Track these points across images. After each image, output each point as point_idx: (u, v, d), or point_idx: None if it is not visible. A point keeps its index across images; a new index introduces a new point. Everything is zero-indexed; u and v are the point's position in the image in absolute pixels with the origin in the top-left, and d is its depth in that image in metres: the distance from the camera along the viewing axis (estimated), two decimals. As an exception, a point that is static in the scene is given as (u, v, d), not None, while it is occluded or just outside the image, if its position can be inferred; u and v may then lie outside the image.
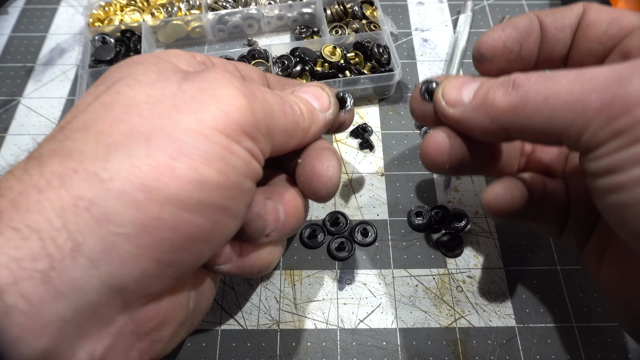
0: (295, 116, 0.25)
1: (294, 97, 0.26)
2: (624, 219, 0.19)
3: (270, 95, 0.23)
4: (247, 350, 0.32)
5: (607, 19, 0.26)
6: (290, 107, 0.25)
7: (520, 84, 0.21)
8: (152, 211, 0.17)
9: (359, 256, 0.36)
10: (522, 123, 0.21)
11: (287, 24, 0.51)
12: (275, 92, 0.25)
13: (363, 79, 0.42)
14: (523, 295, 0.35)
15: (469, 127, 0.24)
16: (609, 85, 0.18)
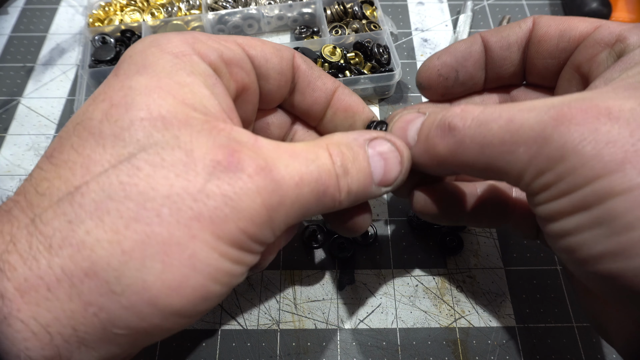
0: (334, 204, 0.22)
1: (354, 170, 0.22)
2: (573, 260, 0.19)
3: (308, 190, 0.20)
4: (247, 350, 0.32)
5: (557, 32, 0.26)
6: (332, 196, 0.21)
7: (455, 128, 0.21)
8: (155, 321, 0.18)
9: (359, 256, 0.36)
10: (463, 166, 0.22)
11: (287, 24, 0.51)
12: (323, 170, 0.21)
13: (363, 79, 0.42)
14: (523, 295, 0.35)
15: (422, 166, 0.24)
16: (535, 139, 0.18)
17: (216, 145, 0.19)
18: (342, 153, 0.22)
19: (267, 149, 0.20)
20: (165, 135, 0.18)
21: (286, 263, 0.36)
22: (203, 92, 0.20)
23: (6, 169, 0.41)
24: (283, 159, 0.20)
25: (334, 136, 0.23)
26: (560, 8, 0.54)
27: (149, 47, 0.21)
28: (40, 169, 0.19)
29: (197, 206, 0.18)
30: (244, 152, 0.19)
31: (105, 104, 0.19)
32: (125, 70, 0.20)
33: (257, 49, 0.25)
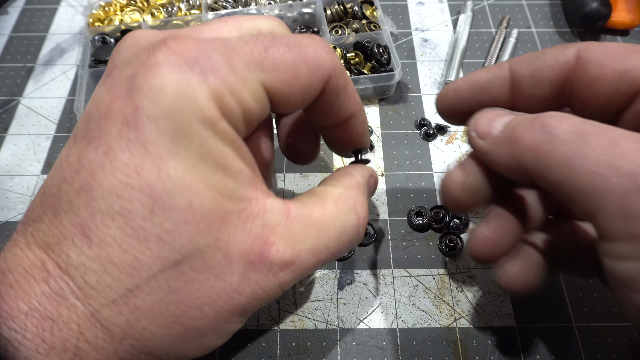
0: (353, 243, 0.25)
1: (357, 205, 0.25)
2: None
3: (324, 262, 0.23)
4: (247, 350, 0.32)
5: (615, 74, 0.21)
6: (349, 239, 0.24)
7: (550, 126, 0.19)
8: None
9: (359, 256, 0.36)
10: (541, 169, 0.19)
11: (287, 24, 0.51)
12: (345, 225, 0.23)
13: (363, 79, 0.42)
14: (523, 295, 0.35)
15: (493, 161, 0.22)
16: (636, 176, 0.16)
17: (250, 239, 0.20)
18: (366, 212, 0.25)
19: (297, 227, 0.21)
20: (207, 239, 0.19)
21: (286, 263, 0.36)
22: (235, 166, 0.20)
23: (6, 169, 0.41)
24: (309, 239, 0.22)
25: (354, 184, 0.25)
26: (560, 8, 0.54)
27: (176, 110, 0.18)
28: (80, 249, 0.18)
29: (231, 302, 0.20)
30: (275, 242, 0.21)
31: (145, 196, 0.18)
32: (155, 146, 0.18)
33: (284, 94, 0.21)
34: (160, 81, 0.18)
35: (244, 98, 0.20)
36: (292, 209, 0.22)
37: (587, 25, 0.49)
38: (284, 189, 0.40)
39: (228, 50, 0.19)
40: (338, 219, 0.23)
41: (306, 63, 0.21)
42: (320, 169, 0.41)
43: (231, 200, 0.20)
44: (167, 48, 0.19)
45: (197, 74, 0.18)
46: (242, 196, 0.20)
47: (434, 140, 0.43)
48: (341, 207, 0.23)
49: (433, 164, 0.41)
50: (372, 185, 0.28)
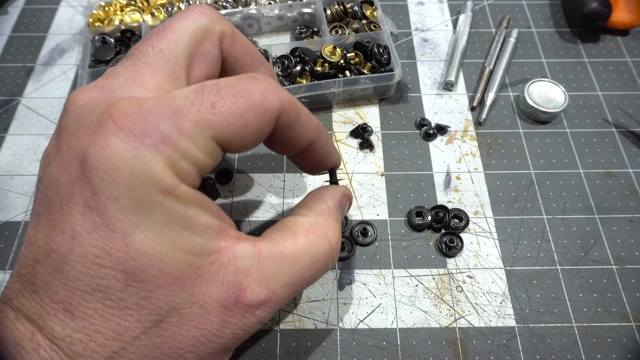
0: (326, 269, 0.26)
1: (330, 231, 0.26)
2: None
3: (300, 290, 0.24)
4: (247, 350, 0.32)
5: None
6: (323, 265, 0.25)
7: None
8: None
9: (359, 256, 0.36)
10: None
11: (287, 24, 0.51)
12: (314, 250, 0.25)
13: (363, 79, 0.42)
14: (523, 295, 0.35)
15: None
16: None
17: (224, 288, 0.21)
18: (338, 238, 0.26)
19: (270, 267, 0.22)
20: (182, 296, 0.20)
21: (286, 263, 0.36)
22: (201, 224, 0.20)
23: (6, 169, 0.41)
24: (282, 275, 0.23)
25: (324, 211, 0.27)
26: (560, 8, 0.54)
27: (134, 187, 0.19)
28: (64, 323, 0.19)
29: (213, 346, 0.22)
30: (249, 285, 0.22)
31: (119, 273, 0.19)
32: (120, 225, 0.19)
33: (235, 143, 0.21)
34: (114, 162, 0.18)
35: (198, 158, 0.20)
36: (262, 250, 0.23)
37: (587, 25, 0.49)
38: (284, 189, 0.40)
39: (175, 114, 0.20)
40: (310, 249, 0.24)
41: (254, 110, 0.21)
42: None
43: (201, 256, 0.21)
44: (114, 123, 0.19)
45: (148, 147, 0.19)
46: (211, 249, 0.21)
47: (434, 140, 0.43)
48: (312, 237, 0.25)
49: (433, 164, 0.41)
50: (344, 205, 0.29)
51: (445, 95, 0.46)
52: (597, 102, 0.46)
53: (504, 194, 0.40)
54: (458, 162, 0.42)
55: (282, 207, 0.39)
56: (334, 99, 0.45)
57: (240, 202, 0.39)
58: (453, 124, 0.44)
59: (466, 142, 0.43)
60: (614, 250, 0.37)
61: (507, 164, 0.42)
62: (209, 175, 0.40)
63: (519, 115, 0.45)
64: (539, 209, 0.39)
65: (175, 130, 0.19)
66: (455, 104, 0.46)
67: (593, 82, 0.47)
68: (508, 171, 0.41)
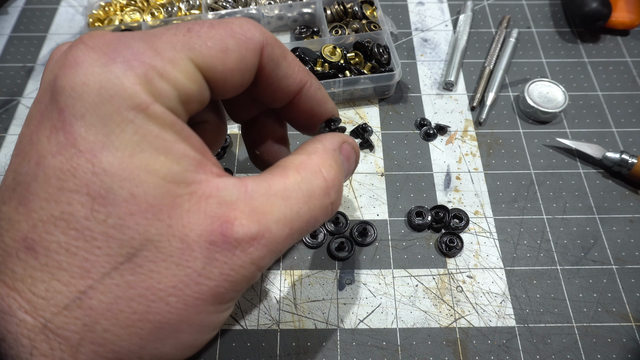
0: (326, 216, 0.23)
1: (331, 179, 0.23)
2: None
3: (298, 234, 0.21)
4: (247, 350, 0.32)
5: None
6: (321, 222, 0.23)
7: None
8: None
9: (359, 256, 0.36)
10: None
11: (287, 24, 0.51)
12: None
13: (363, 79, 0.42)
14: (523, 295, 0.35)
15: None
16: None
17: (208, 220, 0.19)
18: (336, 176, 0.23)
19: (259, 199, 0.20)
20: (158, 227, 0.18)
21: (286, 263, 0.36)
22: (177, 150, 0.19)
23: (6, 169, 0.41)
24: (275, 210, 0.20)
25: (318, 150, 0.23)
26: (560, 8, 0.54)
27: (102, 102, 0.18)
28: (25, 262, 0.18)
29: (200, 288, 0.19)
30: (237, 218, 0.19)
31: (83, 196, 0.17)
32: (87, 144, 0.17)
33: (218, 69, 0.21)
34: (82, 77, 0.18)
35: (176, 79, 0.19)
36: (249, 184, 0.20)
37: (587, 25, 0.49)
38: (284, 189, 0.40)
39: (149, 37, 0.19)
40: (302, 184, 0.21)
41: (234, 37, 0.21)
42: (320, 169, 0.41)
43: (178, 184, 0.19)
44: (85, 45, 0.18)
45: (119, 62, 0.18)
46: (190, 179, 0.19)
47: (434, 140, 0.43)
48: (304, 173, 0.22)
49: (433, 164, 0.41)
50: (348, 151, 0.26)
51: (445, 95, 0.46)
52: (597, 102, 0.46)
53: (504, 194, 0.40)
54: (458, 162, 0.42)
55: (282, 207, 0.39)
56: (334, 99, 0.45)
57: (240, 202, 0.39)
58: (453, 124, 0.44)
59: (466, 142, 0.43)
60: (614, 250, 0.37)
61: (507, 164, 0.42)
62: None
63: (519, 115, 0.45)
64: (539, 209, 0.39)
65: (150, 49, 0.19)
66: (455, 104, 0.46)
67: (593, 82, 0.47)
68: (508, 171, 0.41)
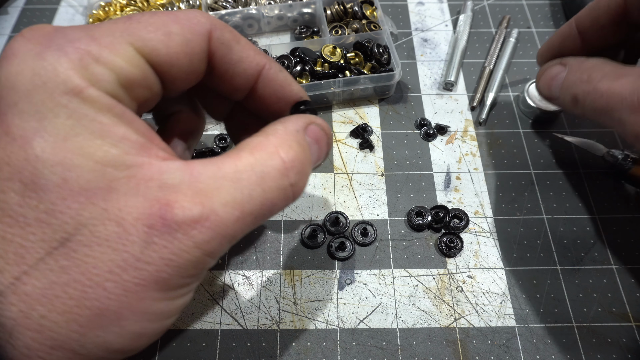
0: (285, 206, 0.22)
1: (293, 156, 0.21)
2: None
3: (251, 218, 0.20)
4: (247, 350, 0.32)
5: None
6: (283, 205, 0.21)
7: (577, 99, 0.28)
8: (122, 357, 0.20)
9: (359, 256, 0.36)
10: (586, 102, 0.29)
11: (287, 24, 0.51)
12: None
13: (363, 79, 0.42)
14: (523, 295, 0.35)
15: (555, 101, 0.31)
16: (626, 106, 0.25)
17: (147, 204, 0.18)
18: (296, 156, 0.21)
19: (205, 182, 0.19)
20: (92, 211, 0.18)
21: (286, 263, 0.36)
22: (116, 133, 0.18)
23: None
24: (223, 192, 0.19)
25: (278, 131, 0.22)
26: (560, 8, 0.54)
27: (35, 89, 0.18)
28: None
29: (139, 274, 0.18)
30: (177, 201, 0.18)
31: (16, 184, 0.17)
32: (20, 130, 0.18)
33: (161, 52, 0.20)
34: (16, 67, 0.18)
35: (114, 62, 0.19)
36: (196, 166, 0.19)
37: (587, 25, 0.49)
38: (284, 189, 0.40)
39: (89, 27, 0.20)
40: (256, 165, 0.20)
41: (177, 22, 0.21)
42: (321, 169, 0.41)
43: (115, 167, 0.18)
44: (23, 37, 0.19)
45: (53, 50, 0.18)
46: (129, 162, 0.18)
47: (434, 140, 0.43)
48: (259, 154, 0.20)
49: (433, 164, 0.41)
50: (316, 133, 0.24)
51: (445, 95, 0.46)
52: (597, 102, 0.46)
53: (504, 194, 0.40)
54: (458, 162, 0.42)
55: (282, 207, 0.39)
56: (334, 99, 0.45)
57: (240, 202, 0.39)
58: (453, 124, 0.44)
59: (466, 142, 0.43)
60: (614, 250, 0.37)
61: (507, 164, 0.42)
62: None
63: (519, 115, 0.45)
64: (539, 209, 0.39)
65: (87, 36, 0.19)
66: (455, 104, 0.46)
67: (593, 82, 0.47)
68: (508, 171, 0.41)
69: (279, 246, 0.37)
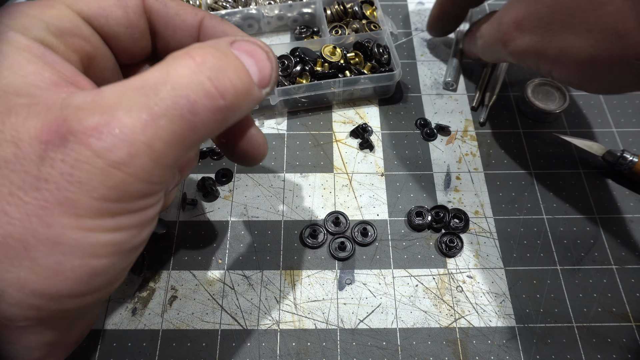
0: (219, 115, 0.19)
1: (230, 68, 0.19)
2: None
3: (166, 121, 0.18)
4: (247, 350, 0.32)
5: None
6: (210, 107, 0.19)
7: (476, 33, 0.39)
8: (53, 307, 0.18)
9: (359, 256, 0.36)
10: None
11: (287, 24, 0.51)
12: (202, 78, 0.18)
13: (363, 79, 0.42)
14: (523, 295, 0.35)
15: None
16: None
17: (45, 123, 0.17)
18: (211, 54, 0.19)
19: (109, 96, 0.18)
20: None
21: (286, 263, 0.36)
22: (27, 69, 0.19)
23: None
24: (127, 100, 0.17)
25: (192, 46, 0.20)
26: (560, 8, 0.54)
27: None
28: None
29: (40, 194, 0.17)
30: (76, 115, 0.17)
31: None
32: None
33: (93, 6, 0.22)
34: None
35: (44, 16, 0.20)
36: (103, 88, 0.18)
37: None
38: (284, 189, 0.40)
39: (26, 2, 0.21)
40: (163, 71, 0.18)
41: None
42: (321, 169, 0.41)
43: (18, 95, 0.18)
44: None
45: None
46: (35, 93, 0.18)
47: (434, 140, 0.43)
48: (166, 62, 0.19)
49: (433, 164, 0.41)
50: (245, 47, 0.21)
51: (445, 95, 0.46)
52: (597, 102, 0.46)
53: (504, 194, 0.40)
54: (458, 162, 0.42)
55: (282, 207, 0.39)
56: (334, 99, 0.45)
57: (240, 202, 0.39)
58: (453, 124, 0.44)
59: (466, 142, 0.43)
60: (614, 250, 0.37)
61: (507, 164, 0.42)
62: (209, 176, 0.40)
63: (519, 115, 0.45)
64: (539, 209, 0.39)
65: (24, 3, 0.21)
66: (455, 104, 0.46)
67: (593, 82, 0.47)
68: (508, 171, 0.41)
69: (279, 246, 0.37)
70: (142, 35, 0.24)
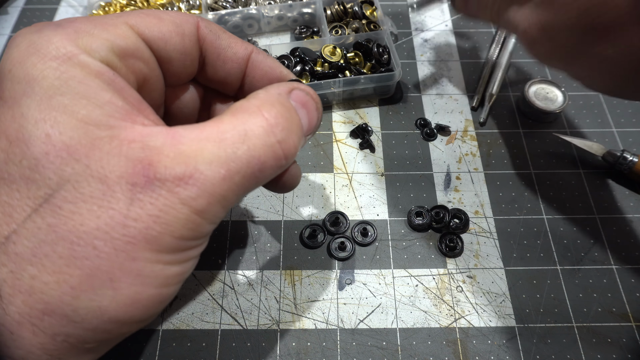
0: (278, 170, 0.22)
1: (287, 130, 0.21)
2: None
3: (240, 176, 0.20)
4: (247, 350, 0.32)
5: None
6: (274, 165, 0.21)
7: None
8: (121, 331, 0.20)
9: (359, 256, 0.36)
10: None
11: (287, 24, 0.51)
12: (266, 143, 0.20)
13: (363, 79, 0.42)
14: (523, 295, 0.35)
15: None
16: None
17: (130, 163, 0.18)
18: (280, 114, 0.21)
19: (188, 144, 0.19)
20: (75, 167, 0.18)
21: (286, 263, 0.36)
22: (102, 97, 0.19)
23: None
24: (206, 152, 0.19)
25: (259, 95, 0.22)
26: (560, 8, 0.54)
27: (28, 56, 0.19)
28: None
29: (128, 231, 0.18)
30: (160, 161, 0.18)
31: (3, 141, 0.18)
32: (10, 93, 0.19)
33: (154, 30, 0.22)
34: (16, 42, 0.20)
35: (108, 36, 0.20)
36: (178, 130, 0.20)
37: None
38: (284, 189, 0.40)
39: (87, 17, 0.22)
40: (238, 125, 0.20)
41: (167, 13, 0.23)
42: (321, 169, 0.41)
43: (98, 127, 0.18)
44: (27, 29, 0.20)
45: (52, 27, 0.20)
46: (112, 124, 0.19)
47: (434, 140, 0.43)
48: (241, 115, 0.21)
49: (433, 164, 0.41)
50: (301, 97, 0.24)
51: (446, 95, 0.46)
52: (597, 102, 0.46)
53: (504, 194, 0.40)
54: (458, 162, 0.42)
55: (282, 207, 0.39)
56: (334, 99, 0.45)
57: (240, 202, 0.39)
58: (453, 124, 0.44)
59: (466, 142, 0.43)
60: (614, 250, 0.37)
61: (507, 164, 0.42)
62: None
63: (519, 115, 0.45)
64: (539, 209, 0.39)
65: (84, 19, 0.21)
66: (455, 104, 0.46)
67: (593, 82, 0.47)
68: (508, 171, 0.41)
69: (279, 246, 0.37)
70: (192, 62, 0.25)
